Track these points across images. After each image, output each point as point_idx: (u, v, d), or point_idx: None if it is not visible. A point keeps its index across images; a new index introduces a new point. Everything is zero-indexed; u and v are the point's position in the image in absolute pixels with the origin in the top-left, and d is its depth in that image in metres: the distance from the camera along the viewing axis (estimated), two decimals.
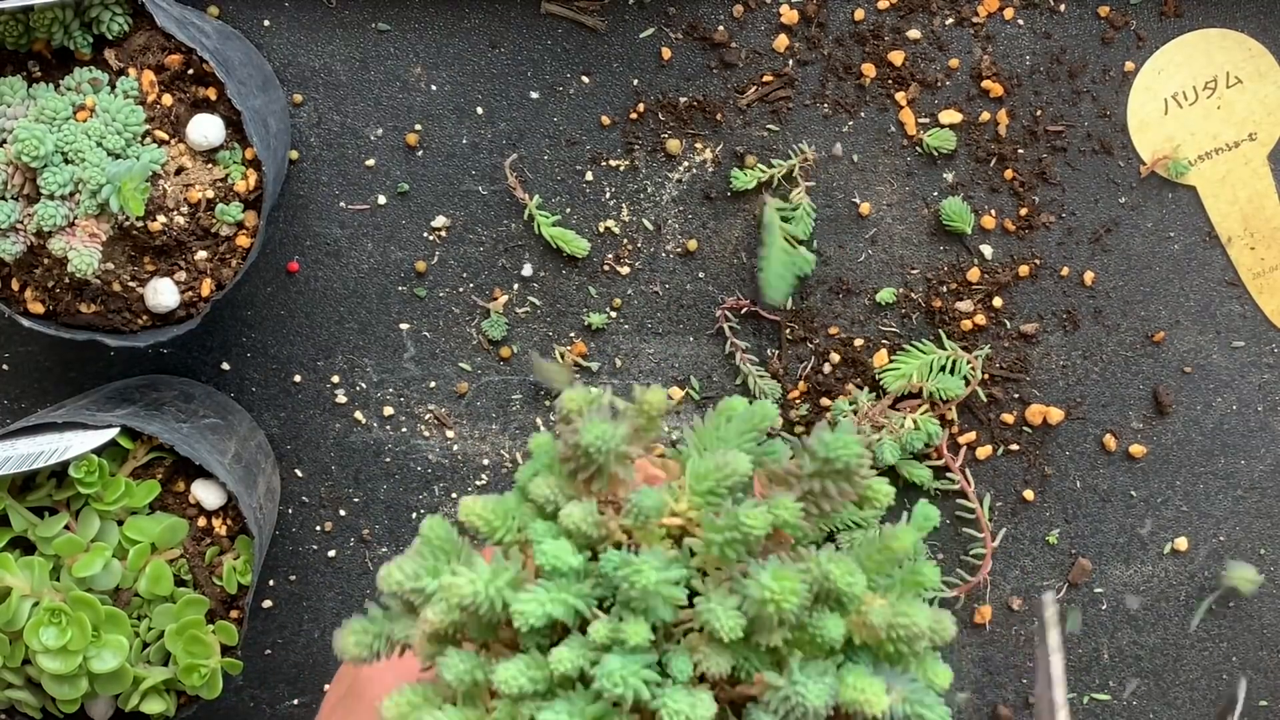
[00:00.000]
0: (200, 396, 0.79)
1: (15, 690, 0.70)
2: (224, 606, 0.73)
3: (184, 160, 0.71)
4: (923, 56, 0.82)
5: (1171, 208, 0.83)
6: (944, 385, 0.80)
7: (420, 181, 0.82)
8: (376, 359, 0.83)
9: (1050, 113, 0.82)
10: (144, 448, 0.72)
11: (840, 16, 0.81)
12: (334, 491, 0.84)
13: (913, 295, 0.83)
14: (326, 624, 0.84)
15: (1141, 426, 0.84)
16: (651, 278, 0.83)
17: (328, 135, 0.81)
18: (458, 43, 0.81)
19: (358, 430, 0.83)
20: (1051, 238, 0.83)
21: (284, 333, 0.83)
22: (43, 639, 0.67)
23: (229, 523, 0.73)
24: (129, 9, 0.70)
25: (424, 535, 0.48)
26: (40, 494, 0.71)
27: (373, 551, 0.84)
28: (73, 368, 0.83)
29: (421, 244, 0.82)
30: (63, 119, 0.68)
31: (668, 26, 0.81)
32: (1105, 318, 0.83)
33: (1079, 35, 0.81)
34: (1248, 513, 0.84)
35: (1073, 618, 0.84)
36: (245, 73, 0.74)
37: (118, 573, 0.70)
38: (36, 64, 0.71)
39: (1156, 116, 0.82)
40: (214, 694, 0.71)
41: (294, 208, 0.82)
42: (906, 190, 0.82)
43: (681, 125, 0.82)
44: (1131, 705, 0.85)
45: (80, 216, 0.68)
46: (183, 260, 0.72)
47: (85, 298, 0.72)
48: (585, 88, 0.81)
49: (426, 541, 0.48)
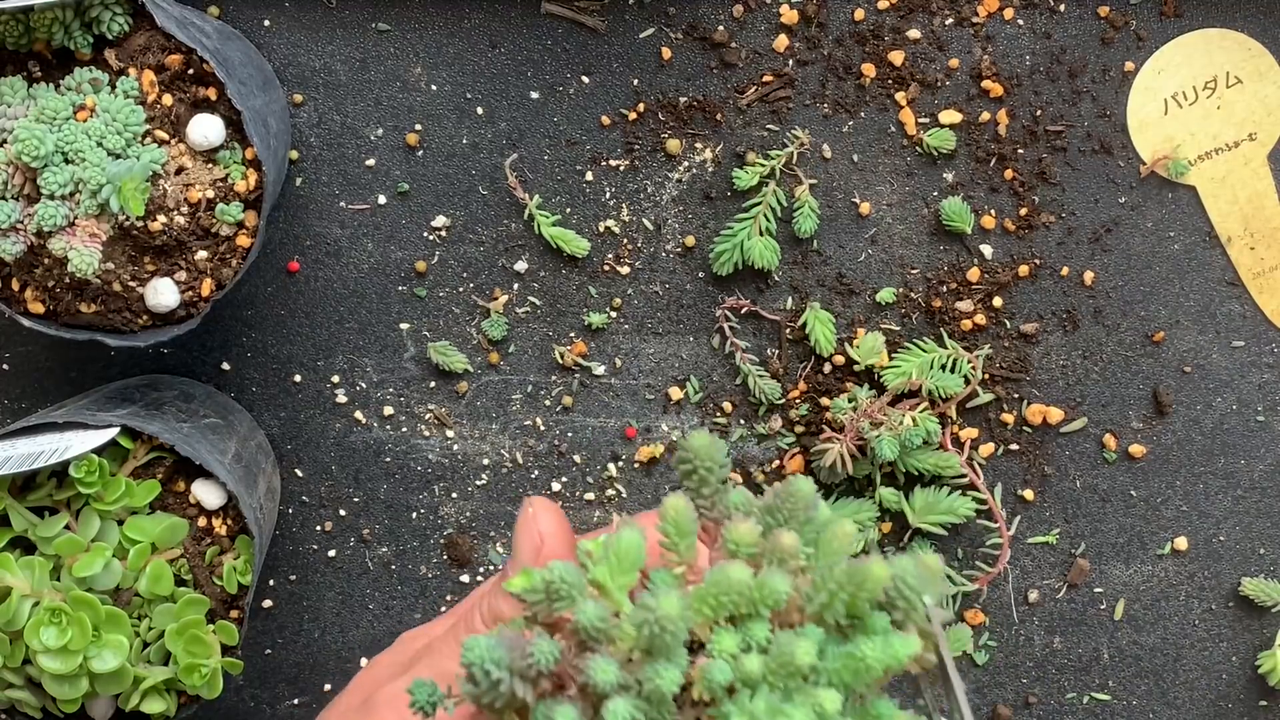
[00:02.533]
0: (200, 396, 0.79)
1: (15, 690, 0.70)
2: (224, 606, 0.73)
3: (184, 160, 0.71)
4: (923, 56, 0.82)
5: (1171, 208, 0.83)
6: (943, 383, 0.80)
7: (420, 181, 0.82)
8: (376, 359, 0.83)
9: (1050, 113, 0.82)
10: (144, 447, 0.73)
11: (840, 16, 0.81)
12: (334, 491, 0.84)
13: (913, 295, 0.83)
14: (327, 624, 0.84)
15: (1141, 426, 0.84)
16: (651, 277, 0.83)
17: (328, 135, 0.81)
18: (458, 43, 0.81)
19: (358, 430, 0.83)
20: (1051, 237, 0.83)
21: (284, 332, 0.83)
22: (43, 639, 0.67)
23: (229, 522, 0.73)
24: (129, 9, 0.70)
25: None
26: (40, 494, 0.71)
27: (372, 551, 0.84)
28: (73, 368, 0.83)
29: (421, 244, 0.82)
30: (63, 119, 0.68)
31: (668, 26, 0.81)
32: (1105, 317, 0.83)
33: (1079, 35, 0.81)
34: (1248, 513, 0.84)
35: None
36: (245, 73, 0.74)
37: (118, 572, 0.70)
38: (37, 64, 0.71)
39: (1156, 116, 0.82)
40: (214, 694, 0.71)
41: (294, 208, 0.82)
42: (906, 190, 0.82)
43: (681, 125, 0.82)
44: (1131, 705, 0.85)
45: (80, 216, 0.68)
46: (183, 260, 0.72)
47: (85, 297, 0.72)
48: (585, 88, 0.81)
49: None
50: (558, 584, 0.41)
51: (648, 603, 0.40)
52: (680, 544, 0.43)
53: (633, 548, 0.42)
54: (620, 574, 0.42)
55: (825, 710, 0.39)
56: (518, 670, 0.40)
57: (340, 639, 0.84)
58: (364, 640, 0.84)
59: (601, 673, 0.39)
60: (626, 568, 0.42)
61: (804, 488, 0.43)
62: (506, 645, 0.40)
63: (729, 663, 0.40)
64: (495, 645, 0.40)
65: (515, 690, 0.40)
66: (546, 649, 0.40)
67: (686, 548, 0.43)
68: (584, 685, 0.41)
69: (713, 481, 0.45)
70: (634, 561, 0.42)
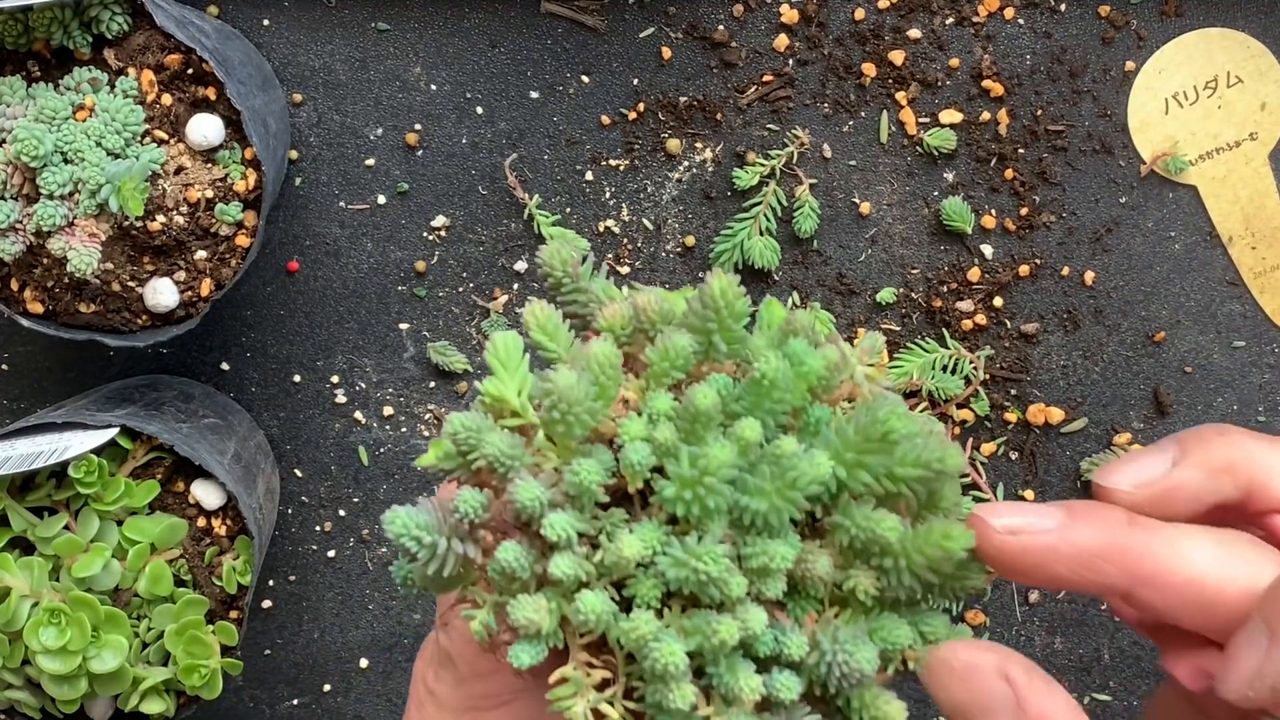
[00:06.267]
0: (200, 396, 0.79)
1: (15, 690, 0.70)
2: (223, 607, 0.73)
3: (183, 160, 0.71)
4: (923, 56, 0.81)
5: (1172, 207, 0.83)
6: (943, 384, 0.80)
7: (420, 181, 0.82)
8: (376, 359, 0.83)
9: (1051, 112, 0.82)
10: (143, 448, 0.72)
11: (841, 16, 0.81)
12: (333, 491, 0.84)
13: (913, 295, 0.83)
14: (326, 624, 0.84)
15: (1142, 426, 0.84)
16: (651, 277, 0.82)
17: (327, 135, 0.81)
18: (457, 42, 0.81)
19: (357, 430, 0.83)
20: (1052, 237, 0.82)
21: (283, 332, 0.82)
22: (42, 639, 0.67)
23: (228, 523, 0.73)
24: (128, 8, 0.70)
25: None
26: (40, 494, 0.71)
27: (372, 551, 0.84)
28: (72, 368, 0.83)
29: (421, 244, 0.82)
30: (62, 118, 0.68)
31: (668, 26, 0.81)
32: (1106, 317, 0.83)
33: (1079, 35, 0.81)
34: None
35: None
36: (245, 72, 0.74)
37: (117, 573, 0.70)
38: (36, 64, 0.71)
39: (1157, 116, 0.82)
40: (214, 694, 0.71)
41: (293, 207, 0.82)
42: (907, 190, 0.82)
43: (681, 125, 0.82)
44: (1132, 705, 0.85)
45: (79, 216, 0.68)
46: (182, 260, 0.72)
47: (85, 297, 0.72)
48: (585, 87, 0.81)
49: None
50: (463, 434, 0.39)
51: (545, 381, 0.38)
52: (554, 344, 0.42)
53: (510, 344, 0.40)
54: (510, 374, 0.40)
55: (746, 438, 0.38)
56: (452, 533, 0.39)
57: (340, 639, 0.84)
58: (363, 641, 0.84)
59: (524, 492, 0.38)
60: (513, 365, 0.40)
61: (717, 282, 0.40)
62: (428, 510, 0.39)
63: (641, 443, 0.38)
64: (415, 511, 0.39)
65: (457, 553, 0.39)
66: (469, 497, 0.39)
67: (563, 347, 0.42)
68: (521, 520, 0.39)
69: (568, 283, 0.44)
70: (516, 357, 0.40)
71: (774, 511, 0.38)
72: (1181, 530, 0.35)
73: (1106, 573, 0.35)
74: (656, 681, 0.37)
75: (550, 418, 0.38)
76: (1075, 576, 0.35)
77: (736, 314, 0.41)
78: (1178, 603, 0.34)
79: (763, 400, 0.39)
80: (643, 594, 0.38)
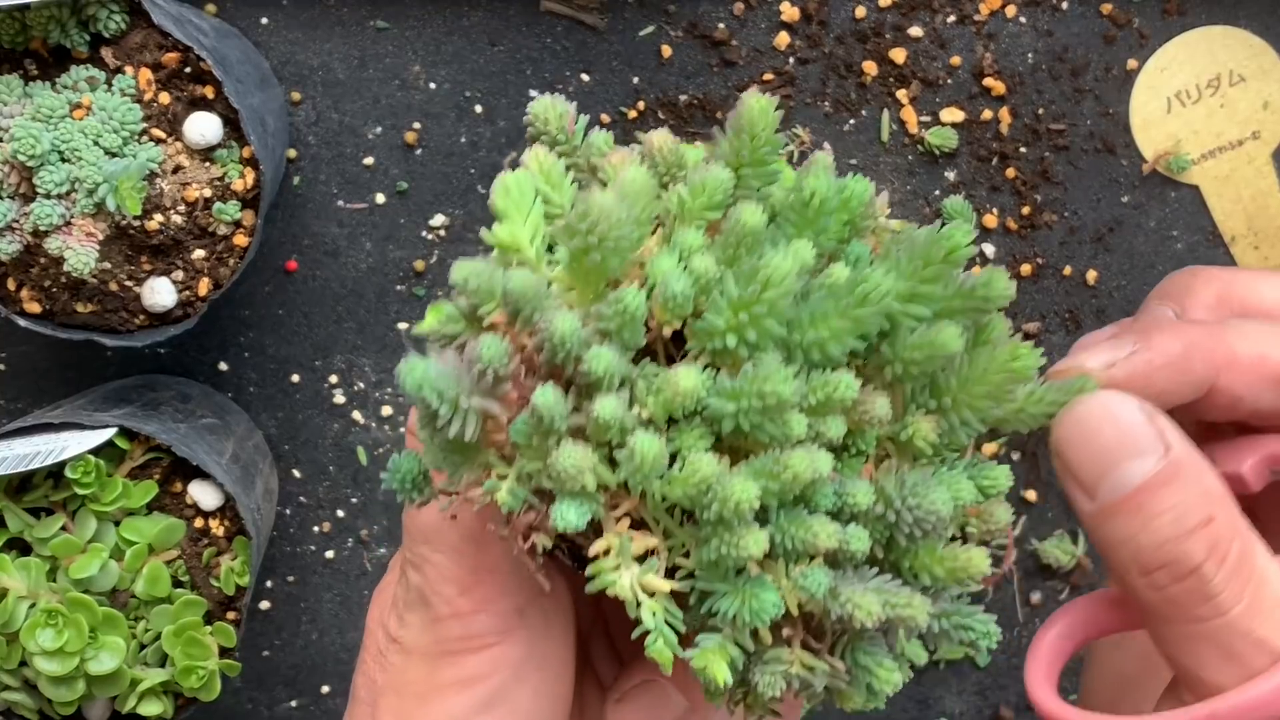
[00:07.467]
0: (197, 396, 0.79)
1: (12, 692, 0.70)
2: (221, 608, 0.73)
3: (181, 159, 0.71)
4: (924, 54, 0.81)
5: (1174, 207, 0.82)
6: None
7: (419, 180, 0.81)
8: (375, 359, 0.82)
9: (1052, 111, 0.81)
10: (141, 448, 0.72)
11: (842, 14, 0.81)
12: (332, 492, 0.83)
13: None
14: (324, 625, 0.84)
15: None
16: None
17: (326, 133, 0.81)
18: (457, 40, 0.81)
19: (356, 430, 0.83)
20: (1054, 237, 0.82)
21: (282, 332, 0.82)
22: (39, 640, 0.67)
23: (226, 523, 0.73)
24: (126, 7, 0.70)
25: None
26: (37, 494, 0.70)
27: (371, 552, 0.84)
28: (69, 368, 0.82)
29: (420, 243, 0.82)
30: (59, 117, 0.68)
31: (668, 24, 0.81)
32: (1108, 317, 0.83)
33: (1081, 33, 0.81)
34: None
35: None
36: (243, 71, 0.73)
37: (115, 574, 0.70)
38: (33, 62, 0.70)
39: (1159, 115, 0.82)
40: (212, 696, 0.71)
41: (292, 207, 0.81)
42: (908, 189, 0.82)
43: (682, 124, 0.81)
44: None
45: (77, 215, 0.68)
46: (180, 259, 0.72)
47: (82, 297, 0.72)
48: (585, 86, 0.81)
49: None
50: (474, 281, 0.34)
51: (581, 203, 0.34)
52: (558, 195, 0.38)
53: (523, 185, 0.36)
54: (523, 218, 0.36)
55: (804, 258, 0.34)
56: (473, 389, 0.34)
57: (338, 641, 0.84)
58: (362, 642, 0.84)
59: (564, 322, 0.33)
60: (525, 209, 0.36)
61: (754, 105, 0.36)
62: (447, 365, 0.34)
63: (682, 274, 0.34)
64: (433, 365, 0.33)
65: (479, 409, 0.34)
66: (491, 343, 0.33)
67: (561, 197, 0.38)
68: (554, 363, 0.34)
69: (563, 139, 0.40)
70: (529, 201, 0.36)
71: (835, 338, 0.34)
72: (1245, 321, 0.39)
73: (1194, 370, 0.38)
74: (722, 531, 0.33)
75: (587, 244, 0.34)
76: (1172, 385, 0.38)
77: (772, 142, 0.37)
78: (1255, 380, 0.38)
79: (809, 225, 0.36)
80: (689, 445, 0.34)
